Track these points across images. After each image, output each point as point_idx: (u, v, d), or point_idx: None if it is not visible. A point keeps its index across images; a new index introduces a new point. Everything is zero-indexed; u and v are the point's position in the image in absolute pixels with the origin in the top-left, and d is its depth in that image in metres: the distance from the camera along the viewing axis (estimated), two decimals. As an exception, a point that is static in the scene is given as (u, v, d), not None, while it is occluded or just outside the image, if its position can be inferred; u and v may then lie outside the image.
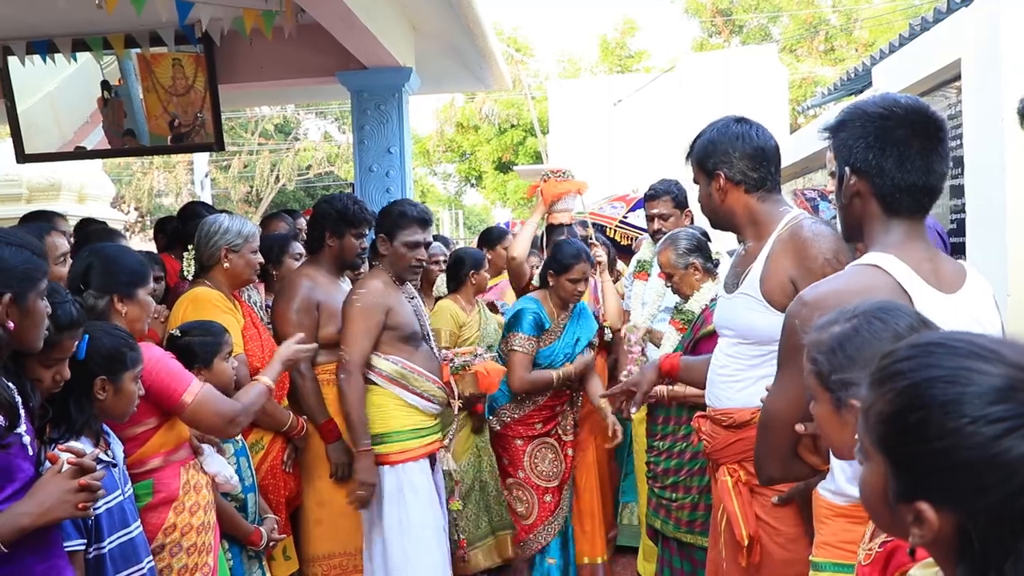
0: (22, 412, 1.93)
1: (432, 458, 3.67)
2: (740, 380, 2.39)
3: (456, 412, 3.77)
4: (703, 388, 2.68)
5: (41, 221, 3.85)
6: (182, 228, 4.56)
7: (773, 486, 2.24)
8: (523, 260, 4.65)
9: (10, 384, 1.94)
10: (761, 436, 1.95)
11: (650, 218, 4.37)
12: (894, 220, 1.77)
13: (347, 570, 3.68)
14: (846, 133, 1.80)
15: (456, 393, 3.65)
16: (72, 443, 2.04)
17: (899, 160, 1.73)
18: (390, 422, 3.51)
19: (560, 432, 4.11)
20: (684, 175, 4.51)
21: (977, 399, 0.94)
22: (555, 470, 4.04)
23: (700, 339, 3.56)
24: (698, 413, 2.62)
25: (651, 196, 4.36)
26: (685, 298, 3.69)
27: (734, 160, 2.38)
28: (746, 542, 2.33)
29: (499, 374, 3.71)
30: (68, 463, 1.89)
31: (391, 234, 3.59)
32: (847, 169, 1.79)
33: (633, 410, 2.86)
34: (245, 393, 2.89)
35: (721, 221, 2.49)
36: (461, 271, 4.71)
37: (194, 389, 2.59)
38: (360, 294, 3.49)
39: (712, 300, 3.51)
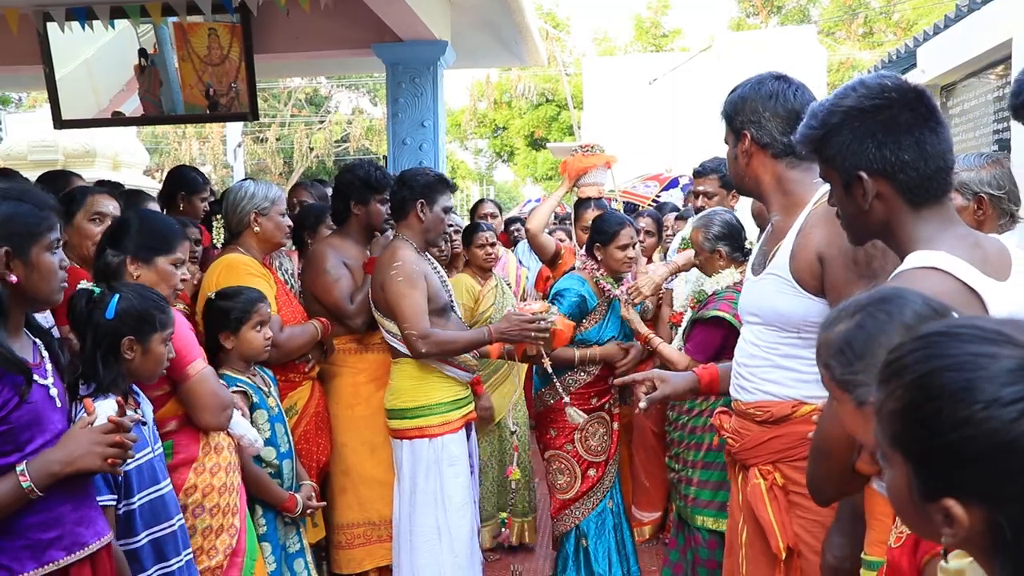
0: (49, 367, 1.96)
1: (467, 429, 3.66)
2: (774, 369, 2.18)
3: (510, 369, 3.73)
4: None
5: (59, 182, 3.84)
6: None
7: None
8: (538, 233, 4.61)
9: (36, 340, 1.98)
10: (818, 461, 1.77)
11: (695, 195, 4.35)
12: (923, 210, 1.63)
13: (370, 539, 3.70)
14: (842, 137, 1.65)
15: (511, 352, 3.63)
16: (112, 400, 2.07)
17: (918, 148, 1.60)
18: (432, 394, 3.49)
19: (611, 406, 4.06)
20: (721, 153, 4.49)
21: (988, 384, 0.90)
22: (603, 445, 3.99)
23: (696, 321, 3.60)
24: (719, 409, 2.46)
25: (699, 173, 4.36)
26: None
27: (763, 120, 2.18)
28: (784, 555, 2.14)
29: (570, 329, 3.70)
30: (109, 419, 1.92)
31: (431, 199, 3.53)
32: (862, 174, 1.63)
33: (643, 404, 2.50)
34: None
35: (745, 186, 2.32)
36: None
37: (199, 366, 2.59)
38: (397, 267, 3.41)
39: (727, 287, 3.52)
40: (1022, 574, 0.92)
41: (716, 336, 3.50)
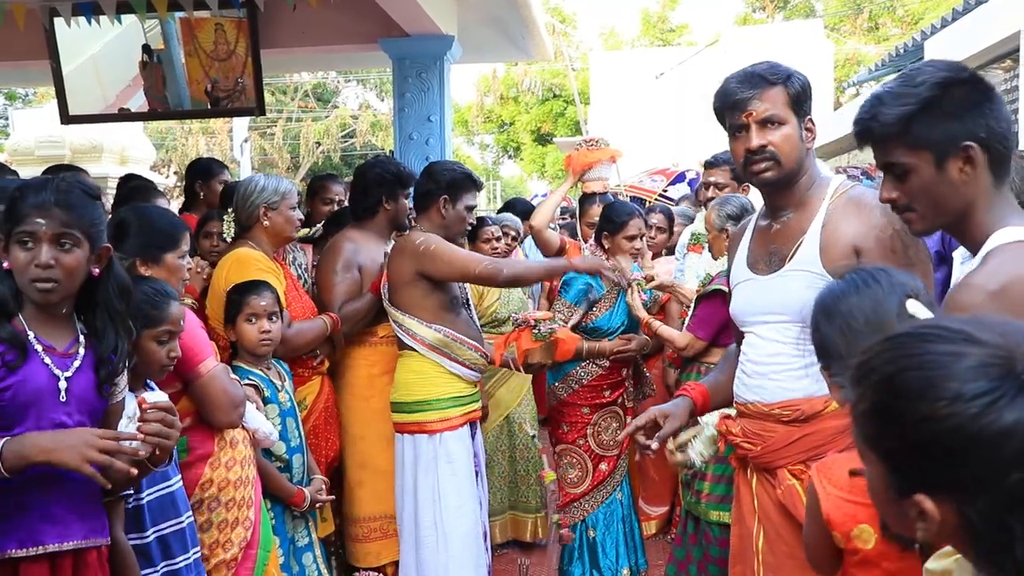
0: (76, 363, 1.93)
1: (472, 427, 3.63)
2: (804, 367, 2.07)
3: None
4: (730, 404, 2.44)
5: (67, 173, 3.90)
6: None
7: None
8: (542, 229, 4.62)
9: (83, 334, 1.97)
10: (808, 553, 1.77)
11: (706, 186, 4.35)
12: (1002, 188, 1.60)
13: (387, 533, 3.70)
14: (943, 108, 1.56)
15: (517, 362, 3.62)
16: (159, 399, 2.02)
17: (1007, 123, 1.58)
18: (432, 389, 3.46)
19: (625, 399, 4.06)
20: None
21: (951, 381, 0.93)
22: (615, 440, 3.98)
23: (702, 297, 3.65)
24: (722, 412, 2.39)
25: (710, 164, 4.36)
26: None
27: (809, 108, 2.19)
28: None
29: (575, 342, 3.69)
30: (97, 433, 1.87)
31: (456, 197, 3.53)
32: (970, 143, 1.55)
33: (654, 446, 2.39)
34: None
35: (789, 172, 2.17)
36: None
37: (209, 364, 2.58)
38: (421, 241, 3.43)
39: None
40: (998, 565, 0.94)
41: (720, 310, 3.41)
